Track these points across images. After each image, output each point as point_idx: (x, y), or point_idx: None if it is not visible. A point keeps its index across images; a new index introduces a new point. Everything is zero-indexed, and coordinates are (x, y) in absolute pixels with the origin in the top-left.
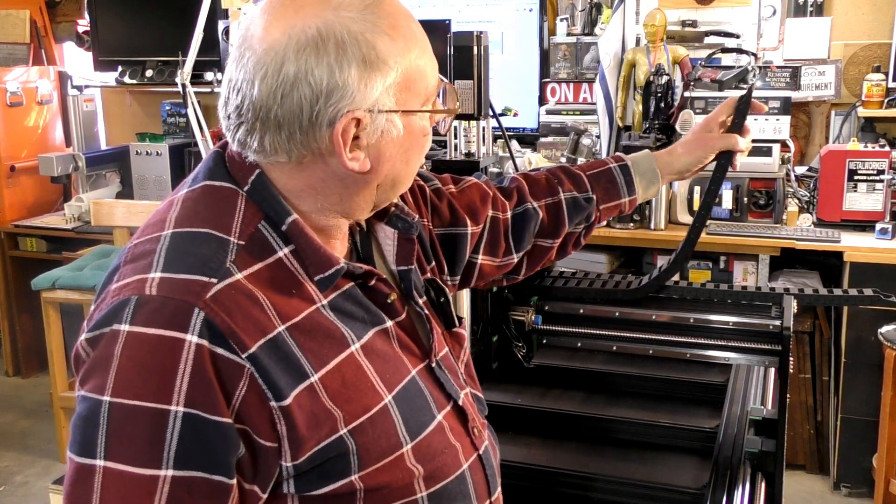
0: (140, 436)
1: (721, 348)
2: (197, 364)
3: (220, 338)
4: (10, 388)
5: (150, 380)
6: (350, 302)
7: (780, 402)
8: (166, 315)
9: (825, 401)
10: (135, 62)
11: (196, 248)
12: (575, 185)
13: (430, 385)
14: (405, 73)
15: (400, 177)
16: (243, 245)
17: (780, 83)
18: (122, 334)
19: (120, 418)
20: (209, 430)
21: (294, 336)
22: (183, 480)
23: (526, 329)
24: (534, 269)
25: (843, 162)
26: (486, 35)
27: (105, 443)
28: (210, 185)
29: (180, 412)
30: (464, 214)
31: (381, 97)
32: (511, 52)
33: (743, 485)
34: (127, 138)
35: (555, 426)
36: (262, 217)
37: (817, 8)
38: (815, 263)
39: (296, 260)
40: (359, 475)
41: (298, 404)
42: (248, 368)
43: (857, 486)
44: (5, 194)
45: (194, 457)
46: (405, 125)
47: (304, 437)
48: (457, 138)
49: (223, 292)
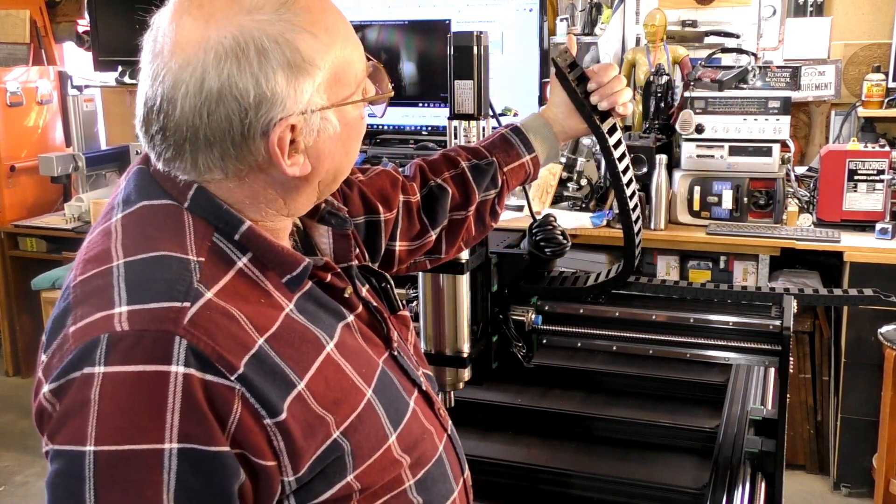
0: (135, 483)
1: (721, 348)
2: (186, 395)
3: (208, 363)
4: (10, 388)
5: (138, 420)
6: (312, 302)
7: (780, 402)
8: (145, 349)
9: (825, 401)
10: (135, 62)
11: (158, 273)
12: (473, 155)
13: (397, 373)
14: (333, 68)
15: (341, 169)
16: (204, 261)
17: (780, 83)
18: (97, 377)
19: (109, 467)
20: (208, 463)
21: (274, 346)
22: None
23: (526, 329)
24: (455, 246)
25: (843, 162)
26: (486, 35)
27: (95, 498)
28: (149, 205)
29: (175, 449)
30: (375, 201)
31: (312, 98)
32: (511, 52)
33: (743, 485)
34: (127, 138)
35: (555, 426)
36: (213, 230)
37: (817, 8)
38: (815, 263)
39: (256, 268)
40: (354, 475)
41: (292, 416)
42: (239, 390)
43: (857, 486)
44: (5, 194)
45: (196, 494)
46: (340, 119)
47: (302, 447)
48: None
49: (200, 314)
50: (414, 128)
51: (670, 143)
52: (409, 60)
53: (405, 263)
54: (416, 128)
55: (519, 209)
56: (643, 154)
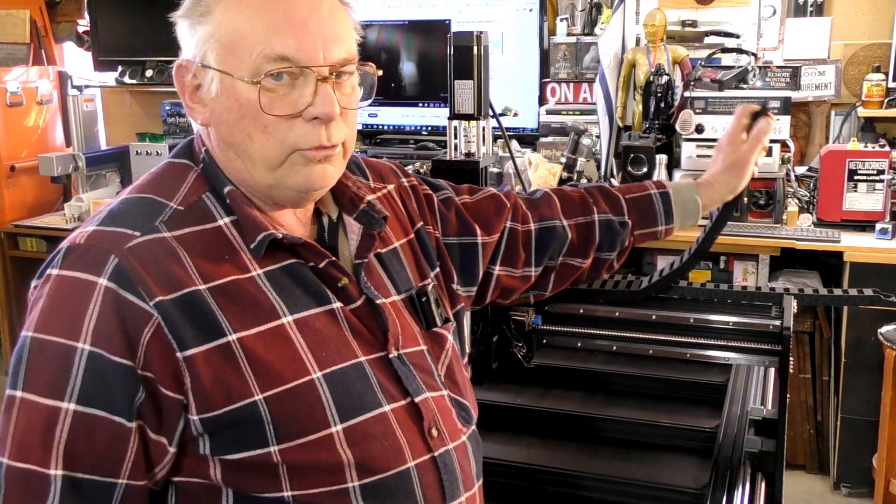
0: (49, 368)
1: (721, 348)
2: (104, 306)
3: (129, 284)
4: None
5: (63, 318)
6: (290, 277)
7: (780, 402)
8: (86, 260)
9: (825, 401)
10: (135, 62)
11: (133, 208)
12: (611, 207)
13: (383, 376)
14: (227, 31)
15: (249, 152)
16: (181, 210)
17: (780, 83)
18: (52, 278)
19: (36, 352)
20: (111, 371)
21: (215, 296)
22: (84, 417)
23: (526, 329)
24: (561, 287)
25: (843, 162)
26: (486, 35)
27: (24, 375)
28: (170, 162)
29: (86, 350)
30: (473, 223)
31: (203, 50)
32: (511, 52)
33: (743, 485)
34: (127, 138)
35: (555, 426)
36: (207, 189)
37: (817, 8)
38: (815, 263)
39: (235, 230)
40: (278, 448)
41: (206, 359)
42: (156, 317)
43: (857, 486)
44: (5, 194)
45: (96, 395)
46: (226, 89)
47: (210, 393)
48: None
49: (142, 245)
50: (414, 128)
51: (670, 143)
52: (409, 60)
53: (510, 293)
54: (416, 128)
55: None
56: (643, 154)
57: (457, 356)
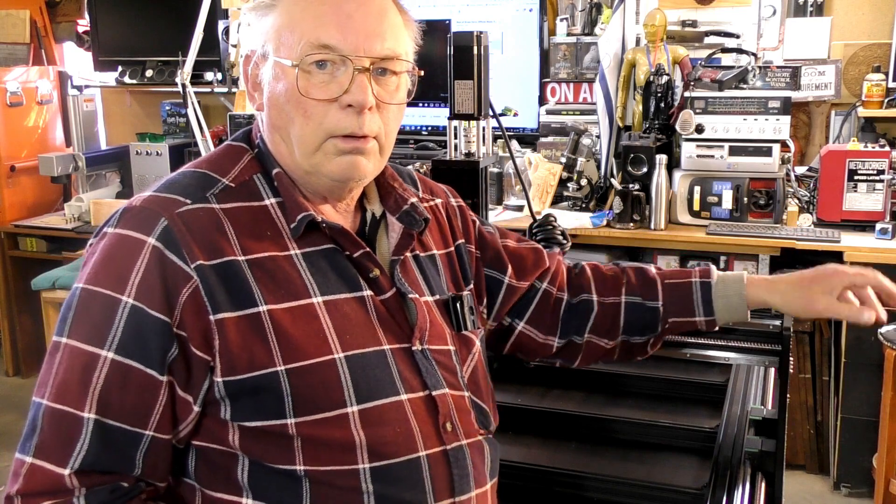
0: (94, 317)
1: (721, 348)
2: (150, 263)
3: (174, 245)
4: (10, 388)
5: (112, 271)
6: (326, 261)
7: (780, 402)
8: (139, 220)
9: (825, 401)
10: (135, 62)
11: (189, 180)
12: (644, 290)
13: (405, 366)
14: (284, 22)
15: (291, 135)
16: (233, 187)
17: (780, 83)
18: (107, 235)
19: (83, 302)
20: (149, 325)
21: (252, 269)
22: (121, 366)
23: None
24: (589, 363)
25: (843, 162)
26: (486, 35)
27: (71, 323)
28: (229, 144)
29: (129, 303)
30: (507, 263)
31: (264, 41)
32: (511, 52)
33: (743, 485)
34: (127, 138)
35: (555, 426)
36: (259, 170)
37: (817, 8)
38: (815, 263)
39: (280, 210)
40: (295, 421)
41: (237, 325)
42: (195, 279)
43: (857, 486)
44: (5, 194)
45: (133, 346)
46: (276, 75)
47: (236, 356)
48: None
49: (191, 212)
50: (414, 128)
51: (670, 143)
52: None
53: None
54: (416, 128)
55: (519, 209)
56: (643, 154)
57: (482, 363)
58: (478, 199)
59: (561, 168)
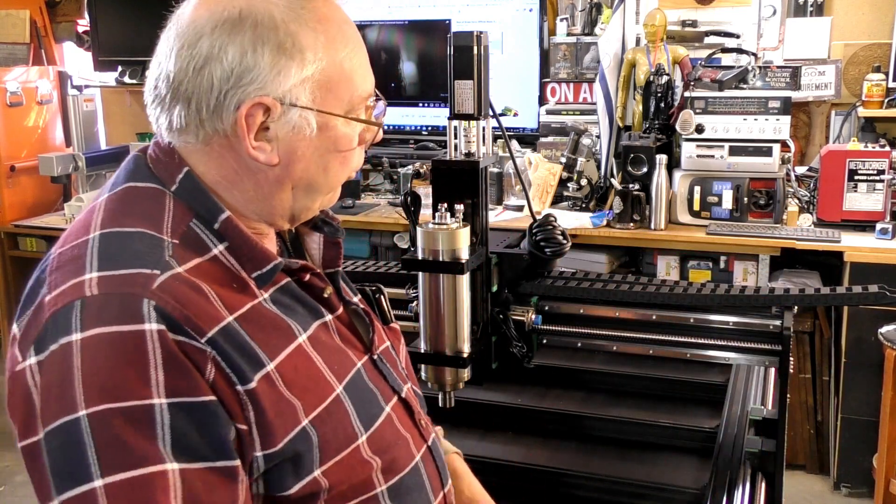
0: (133, 437)
1: (721, 348)
2: (166, 351)
3: (177, 325)
4: None
5: (125, 377)
6: (288, 296)
7: (780, 402)
8: (116, 311)
9: (825, 401)
10: (135, 62)
11: (130, 244)
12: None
13: (375, 378)
14: (326, 70)
15: (316, 183)
16: (177, 243)
17: (780, 83)
18: (75, 345)
19: (105, 426)
20: (200, 413)
21: (244, 327)
22: (190, 473)
23: (526, 329)
24: None
25: (844, 162)
26: (486, 35)
27: (98, 459)
28: (133, 187)
29: (164, 404)
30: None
31: (294, 89)
32: (511, 52)
33: (743, 485)
34: (127, 138)
35: (555, 426)
36: (192, 216)
37: (817, 8)
38: (815, 263)
39: (231, 256)
40: (321, 470)
41: (263, 390)
42: (210, 352)
43: (857, 486)
44: (5, 194)
45: (193, 445)
46: (321, 125)
47: (272, 424)
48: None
49: (168, 283)
50: (414, 128)
51: (670, 143)
52: (409, 60)
53: None
54: (416, 128)
55: (519, 209)
56: (643, 154)
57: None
58: (478, 199)
59: (561, 168)
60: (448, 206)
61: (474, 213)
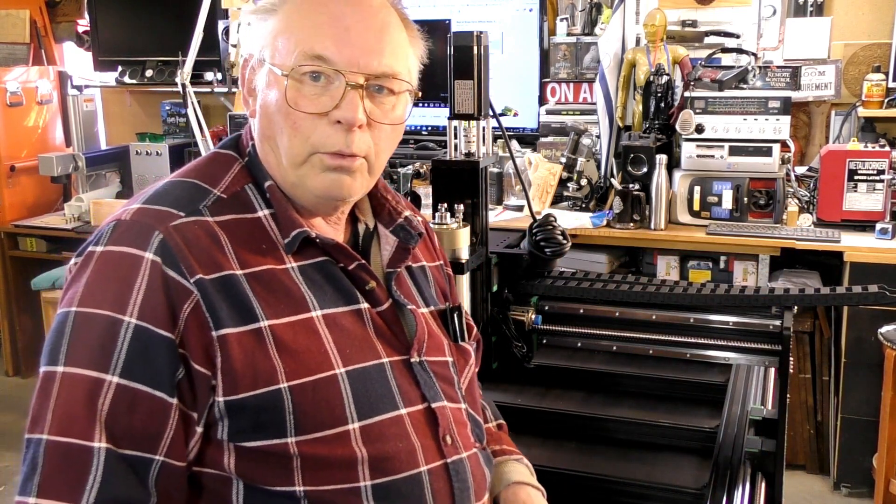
0: (94, 341)
1: (721, 348)
2: (151, 280)
3: (172, 259)
4: (10, 388)
5: (110, 292)
6: (321, 274)
7: (780, 402)
8: (132, 235)
9: (825, 401)
10: (135, 62)
11: (178, 191)
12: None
13: (403, 379)
14: (281, 28)
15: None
16: (224, 198)
17: (780, 83)
18: (95, 255)
19: (80, 326)
20: (156, 345)
21: (251, 283)
22: (126, 390)
23: (526, 329)
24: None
25: (844, 162)
26: (486, 35)
27: (66, 349)
28: (216, 153)
29: (132, 323)
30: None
31: (261, 45)
32: (511, 52)
33: (743, 485)
34: (127, 138)
35: (555, 426)
36: (250, 180)
37: (817, 8)
38: (815, 263)
39: (273, 223)
40: (296, 440)
41: (239, 341)
42: (195, 294)
43: (857, 486)
44: (5, 194)
45: (140, 369)
46: (269, 82)
47: (239, 375)
48: (457, 138)
49: (186, 225)
50: (414, 128)
51: (670, 143)
52: None
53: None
54: (416, 128)
55: (519, 209)
56: (643, 154)
57: (475, 376)
58: (478, 199)
59: (561, 168)
60: (448, 206)
61: (474, 213)
